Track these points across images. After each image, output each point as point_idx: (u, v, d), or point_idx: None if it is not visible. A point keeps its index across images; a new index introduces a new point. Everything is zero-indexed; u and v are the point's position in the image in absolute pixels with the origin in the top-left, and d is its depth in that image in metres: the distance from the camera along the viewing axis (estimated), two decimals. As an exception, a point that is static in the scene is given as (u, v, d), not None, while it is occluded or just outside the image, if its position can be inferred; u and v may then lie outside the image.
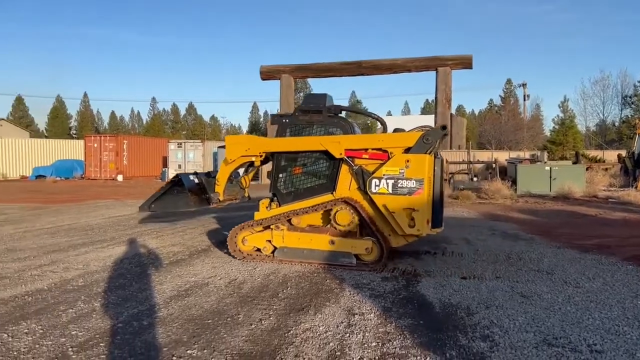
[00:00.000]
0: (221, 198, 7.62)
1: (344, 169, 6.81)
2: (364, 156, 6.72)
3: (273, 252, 6.99)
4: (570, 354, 3.78)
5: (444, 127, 6.58)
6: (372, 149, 6.71)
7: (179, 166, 29.79)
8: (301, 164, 7.13)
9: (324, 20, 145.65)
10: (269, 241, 6.96)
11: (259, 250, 7.08)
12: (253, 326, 4.38)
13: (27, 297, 5.27)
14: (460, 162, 21.39)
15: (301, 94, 59.10)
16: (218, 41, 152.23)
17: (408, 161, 6.42)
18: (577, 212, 13.51)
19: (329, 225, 6.92)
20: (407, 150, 6.54)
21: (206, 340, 4.04)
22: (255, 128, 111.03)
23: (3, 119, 75.08)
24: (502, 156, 23.73)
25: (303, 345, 3.94)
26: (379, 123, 7.95)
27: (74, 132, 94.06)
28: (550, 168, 18.86)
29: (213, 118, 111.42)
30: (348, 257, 6.61)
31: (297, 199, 7.03)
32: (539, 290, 5.55)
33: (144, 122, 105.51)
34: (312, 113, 7.20)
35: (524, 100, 57.16)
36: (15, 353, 3.78)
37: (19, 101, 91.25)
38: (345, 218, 6.72)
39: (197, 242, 8.51)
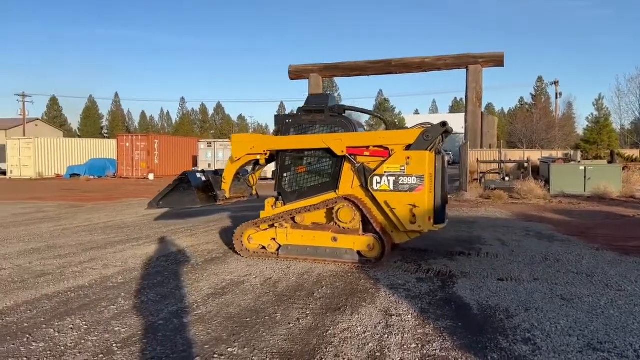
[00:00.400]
0: (227, 196, 7.75)
1: (347, 167, 6.87)
2: (365, 153, 6.78)
3: (278, 250, 7.06)
4: (617, 359, 3.68)
5: (443, 124, 6.61)
6: (373, 146, 6.76)
7: (209, 165, 30.13)
8: (305, 163, 7.23)
9: (350, 19, 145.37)
10: (274, 239, 7.06)
11: (264, 248, 7.16)
12: (291, 325, 4.40)
13: (70, 293, 5.42)
14: (491, 162, 21.06)
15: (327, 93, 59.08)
16: (245, 41, 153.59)
17: (409, 158, 6.46)
18: (614, 213, 13.16)
19: (332, 223, 6.97)
20: (408, 148, 6.59)
21: (246, 339, 4.08)
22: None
23: (38, 119, 77.35)
24: (535, 155, 23.27)
25: (342, 346, 3.95)
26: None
27: (106, 131, 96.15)
28: (585, 167, 18.40)
29: (240, 117, 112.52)
30: (350, 254, 6.68)
31: (302, 197, 7.12)
32: (580, 293, 5.43)
33: (174, 121, 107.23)
34: (315, 113, 7.25)
35: (556, 98, 55.95)
36: (62, 348, 3.89)
37: (54, 101, 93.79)
38: (347, 215, 6.79)
39: (230, 240, 8.57)
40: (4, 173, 33.25)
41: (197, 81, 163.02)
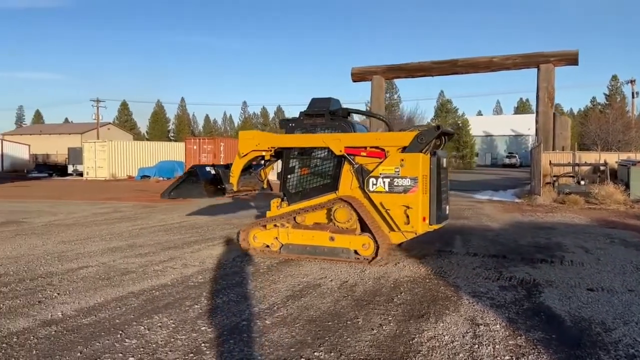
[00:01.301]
0: (235, 189, 8.06)
1: (346, 168, 7.10)
2: (363, 154, 6.98)
3: (280, 248, 7.30)
4: None
5: (437, 128, 6.82)
6: (370, 147, 6.96)
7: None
8: (307, 165, 7.53)
9: (410, 20, 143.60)
10: (276, 238, 7.30)
11: (268, 246, 7.40)
12: (375, 331, 4.31)
13: (154, 291, 5.59)
14: (565, 164, 20.05)
15: (387, 95, 58.49)
16: (303, 45, 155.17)
17: (403, 160, 6.65)
18: None
19: (331, 223, 7.17)
20: (404, 150, 6.74)
21: (331, 343, 4.03)
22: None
23: (110, 123, 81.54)
24: (611, 158, 21.93)
25: (431, 355, 3.81)
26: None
27: (172, 134, 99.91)
28: (671, 171, 17.10)
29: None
30: (347, 253, 6.87)
31: (304, 198, 7.40)
32: (685, 308, 5.00)
33: (236, 125, 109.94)
34: (316, 117, 7.51)
35: (633, 97, 52.70)
36: (153, 345, 3.99)
37: (124, 106, 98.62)
38: (343, 215, 7.00)
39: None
40: (81, 174, 35.19)
41: (259, 85, 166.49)
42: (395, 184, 6.67)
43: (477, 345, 3.99)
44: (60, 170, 38.73)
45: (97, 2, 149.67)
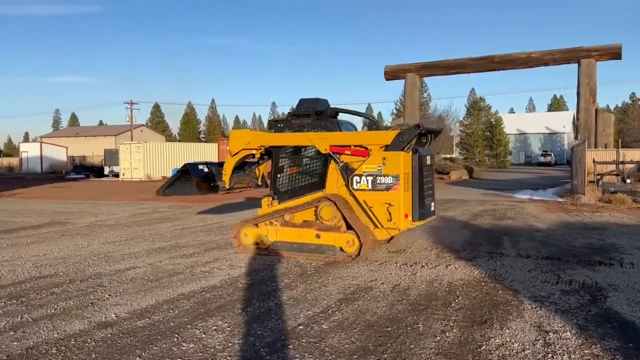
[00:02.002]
0: (227, 186, 8.27)
1: (332, 167, 7.25)
2: (347, 152, 7.13)
3: (270, 245, 7.48)
4: None
5: (417, 126, 6.95)
6: (354, 146, 7.12)
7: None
8: (296, 164, 7.74)
9: (441, 19, 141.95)
10: (266, 236, 7.50)
11: (258, 244, 7.56)
12: (438, 338, 4.12)
13: (205, 293, 5.51)
14: (609, 163, 19.35)
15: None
16: (332, 46, 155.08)
17: (385, 159, 6.79)
18: None
19: (318, 221, 7.27)
20: (386, 148, 6.87)
21: (394, 350, 3.86)
22: (370, 129, 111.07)
23: (143, 125, 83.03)
24: (657, 155, 21.09)
25: (503, 364, 3.61)
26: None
27: (203, 136, 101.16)
28: None
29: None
30: (332, 250, 7.03)
31: (293, 196, 7.57)
32: None
33: (265, 125, 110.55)
34: (303, 117, 7.68)
35: (676, 92, 50.75)
36: (212, 350, 3.89)
37: (157, 108, 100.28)
38: (328, 213, 7.12)
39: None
40: (117, 175, 35.83)
41: (288, 85, 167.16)
42: (378, 181, 6.82)
43: (550, 355, 3.76)
44: (96, 171, 39.47)
45: (130, 8, 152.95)
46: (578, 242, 8.56)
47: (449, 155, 41.14)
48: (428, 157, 7.37)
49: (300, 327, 4.40)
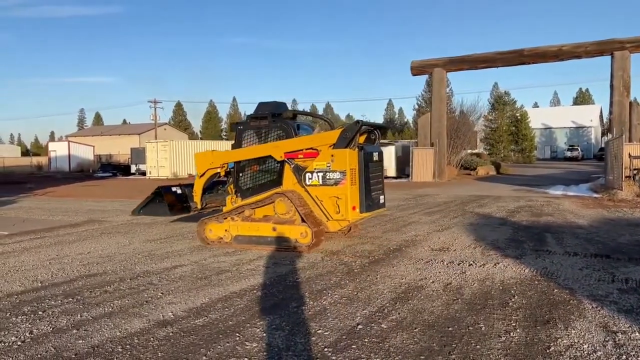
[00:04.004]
0: (199, 206, 9.01)
1: (287, 166, 7.80)
2: (300, 156, 7.71)
3: (232, 239, 7.97)
4: None
5: (357, 122, 7.44)
6: (306, 149, 7.65)
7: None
8: (256, 164, 8.24)
9: (455, 15, 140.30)
10: (228, 230, 8.00)
11: (221, 238, 8.06)
12: (503, 338, 4.04)
13: (255, 291, 5.52)
14: (645, 157, 18.83)
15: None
16: (353, 43, 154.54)
17: (332, 156, 7.35)
18: None
19: (275, 215, 7.84)
20: (334, 146, 7.38)
21: (460, 351, 3.79)
22: (390, 125, 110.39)
23: (166, 124, 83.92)
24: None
25: (577, 366, 3.52)
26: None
27: (224, 134, 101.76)
28: None
29: (349, 117, 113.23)
30: (287, 241, 7.51)
31: (255, 193, 8.12)
32: None
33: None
34: (260, 119, 8.19)
35: None
36: (275, 349, 3.88)
37: (179, 107, 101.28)
38: (283, 208, 7.71)
39: (384, 241, 8.40)
40: (144, 174, 36.29)
41: (308, 83, 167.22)
42: (327, 177, 7.40)
43: (624, 356, 3.65)
44: (123, 169, 40.06)
45: (152, 8, 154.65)
46: (625, 239, 8.35)
47: (475, 151, 40.65)
48: (376, 154, 7.96)
49: (360, 326, 4.36)
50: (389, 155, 27.50)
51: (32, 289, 5.79)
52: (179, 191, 9.29)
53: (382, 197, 8.04)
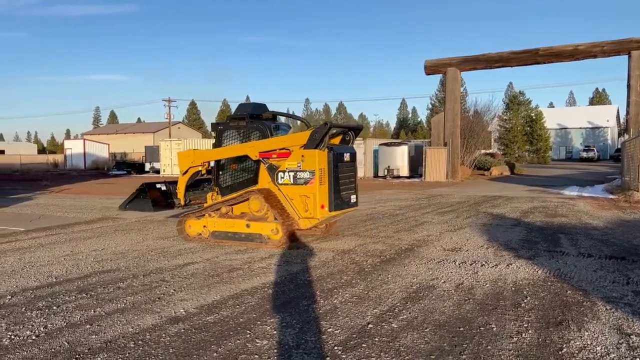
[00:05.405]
0: (182, 203, 9.33)
1: (262, 166, 8.07)
2: (274, 156, 7.96)
3: (209, 235, 8.31)
4: None
5: (326, 124, 7.66)
6: (279, 149, 7.91)
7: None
8: (235, 163, 8.59)
9: (468, 14, 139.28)
10: (205, 227, 8.36)
11: (200, 234, 8.44)
12: (515, 339, 4.01)
13: (267, 289, 5.54)
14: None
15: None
16: (366, 42, 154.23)
17: (303, 156, 7.59)
18: None
19: (250, 212, 8.09)
20: (304, 147, 7.61)
21: (471, 351, 3.77)
22: (404, 124, 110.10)
23: (180, 122, 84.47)
24: None
25: (589, 368, 3.48)
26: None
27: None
28: None
29: (362, 116, 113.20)
30: (260, 238, 7.82)
31: (233, 191, 8.43)
32: None
33: (298, 122, 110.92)
34: (239, 120, 8.53)
35: None
36: (286, 347, 3.89)
37: (193, 106, 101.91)
38: (256, 205, 7.95)
39: (396, 241, 8.38)
40: (158, 172, 36.57)
41: (321, 81, 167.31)
42: (298, 177, 7.64)
43: (638, 359, 3.60)
44: (137, 168, 40.38)
45: (166, 7, 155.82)
46: (638, 241, 8.24)
47: (489, 151, 40.34)
48: (347, 154, 8.20)
49: (370, 325, 4.36)
50: (402, 154, 27.43)
51: (46, 284, 5.87)
52: (164, 188, 9.71)
53: (353, 196, 8.24)
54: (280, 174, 7.82)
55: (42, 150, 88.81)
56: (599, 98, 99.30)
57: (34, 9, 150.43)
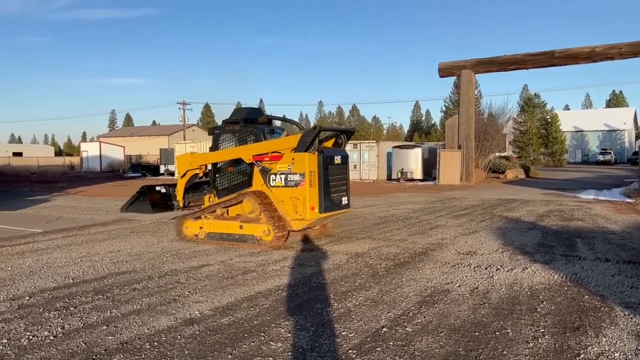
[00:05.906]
0: (181, 205, 9.52)
1: (256, 168, 8.25)
2: (266, 159, 8.12)
3: (205, 236, 8.51)
4: None
5: (315, 128, 7.85)
6: (271, 153, 8.07)
7: (355, 166, 30.37)
8: (231, 166, 8.84)
9: (482, 16, 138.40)
10: (201, 228, 8.59)
11: (197, 235, 8.65)
12: (531, 344, 3.97)
13: (281, 291, 5.55)
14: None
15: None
16: (379, 44, 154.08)
17: (293, 159, 7.75)
18: None
19: (244, 214, 8.28)
20: (295, 150, 7.76)
21: (487, 357, 3.74)
22: (417, 127, 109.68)
23: (195, 125, 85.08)
24: None
25: (607, 374, 3.43)
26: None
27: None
28: None
29: (375, 118, 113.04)
30: (252, 239, 7.99)
31: (229, 193, 8.66)
32: None
33: (312, 124, 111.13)
34: (234, 124, 8.78)
35: None
36: (300, 350, 3.90)
37: (207, 108, 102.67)
38: (249, 207, 8.15)
39: (410, 244, 8.35)
40: (172, 174, 36.82)
41: (335, 84, 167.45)
42: (288, 179, 7.80)
43: (658, 366, 3.55)
44: (152, 170, 40.73)
45: (181, 11, 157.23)
46: (658, 246, 8.11)
47: (504, 154, 39.98)
48: (338, 157, 8.33)
49: (384, 329, 4.35)
50: (416, 157, 27.31)
51: (64, 285, 5.95)
52: (163, 190, 9.87)
53: (344, 198, 8.37)
54: (273, 176, 8.00)
55: (58, 153, 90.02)
56: (616, 100, 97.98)
57: (55, 13, 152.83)
